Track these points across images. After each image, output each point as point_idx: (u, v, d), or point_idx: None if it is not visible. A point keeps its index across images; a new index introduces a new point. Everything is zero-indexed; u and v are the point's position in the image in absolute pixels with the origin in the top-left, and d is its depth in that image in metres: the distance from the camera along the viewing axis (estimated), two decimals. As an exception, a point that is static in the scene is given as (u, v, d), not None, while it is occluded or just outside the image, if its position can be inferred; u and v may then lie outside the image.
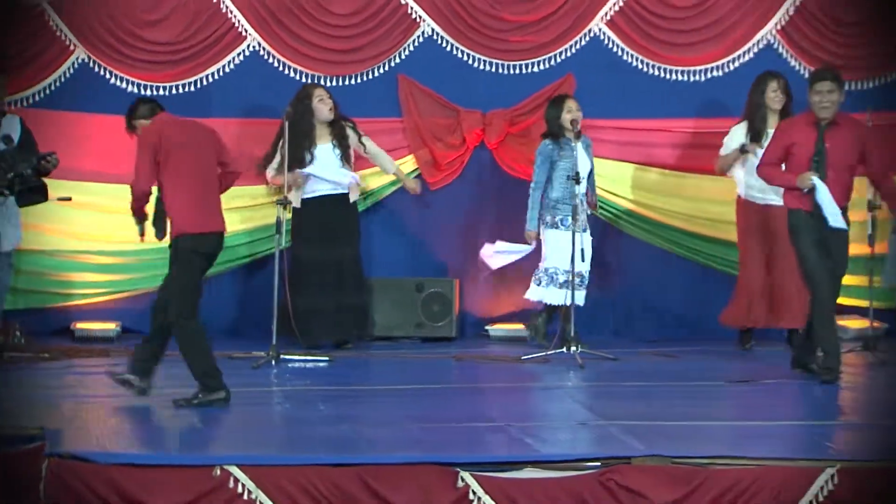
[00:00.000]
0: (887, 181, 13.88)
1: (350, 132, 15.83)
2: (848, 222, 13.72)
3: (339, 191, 15.71)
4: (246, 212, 16.22)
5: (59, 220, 15.85)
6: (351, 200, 15.78)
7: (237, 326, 16.48)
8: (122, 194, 15.35)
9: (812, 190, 13.35)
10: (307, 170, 15.55)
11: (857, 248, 15.35)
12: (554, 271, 15.55)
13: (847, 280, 15.23)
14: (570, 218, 15.17)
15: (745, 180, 15.04)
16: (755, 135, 15.08)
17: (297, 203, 15.44)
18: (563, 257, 15.35)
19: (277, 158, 15.50)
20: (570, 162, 15.39)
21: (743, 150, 15.16)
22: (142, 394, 13.36)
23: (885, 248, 15.88)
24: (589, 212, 15.56)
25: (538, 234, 15.59)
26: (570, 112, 15.36)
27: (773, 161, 13.84)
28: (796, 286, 14.62)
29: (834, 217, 13.47)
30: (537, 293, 15.68)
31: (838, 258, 13.80)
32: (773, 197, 14.67)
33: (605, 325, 16.37)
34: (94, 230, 16.18)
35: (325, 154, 15.65)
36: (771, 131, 15.07)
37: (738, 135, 15.10)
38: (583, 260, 15.25)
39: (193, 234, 13.05)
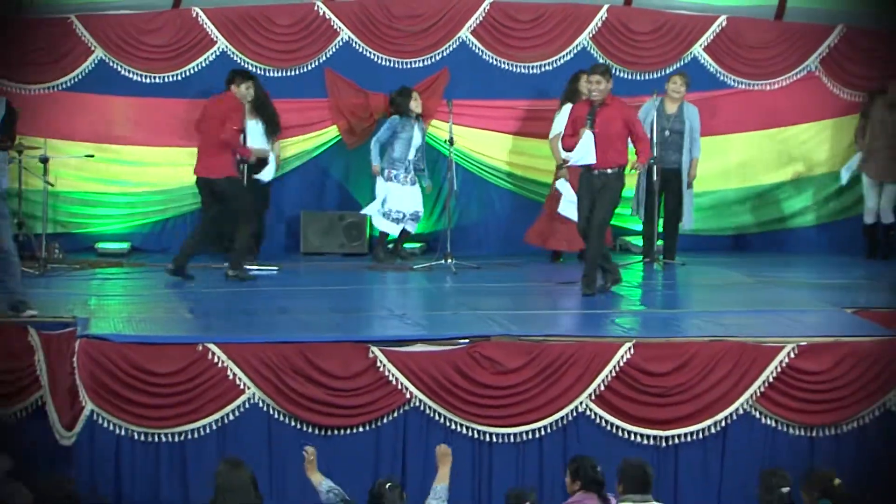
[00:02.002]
0: (641, 142, 13.72)
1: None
2: (623, 182, 13.67)
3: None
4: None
5: (85, 171, 15.75)
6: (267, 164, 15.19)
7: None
8: (131, 153, 15.98)
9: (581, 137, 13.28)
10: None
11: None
12: (389, 211, 15.58)
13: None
14: (402, 174, 15.49)
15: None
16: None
17: (268, 178, 15.29)
18: (398, 202, 15.56)
19: None
20: (408, 135, 15.49)
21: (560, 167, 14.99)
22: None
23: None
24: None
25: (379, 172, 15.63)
26: (416, 101, 15.56)
27: (569, 133, 13.66)
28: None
29: (580, 159, 13.39)
30: (383, 225, 15.71)
31: (600, 202, 13.45)
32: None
33: (471, 243, 16.25)
34: (110, 177, 16.02)
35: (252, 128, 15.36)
36: None
37: (563, 116, 14.61)
38: (412, 205, 15.59)
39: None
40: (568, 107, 14.76)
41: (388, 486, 9.13)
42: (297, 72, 16.28)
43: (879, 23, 16.56)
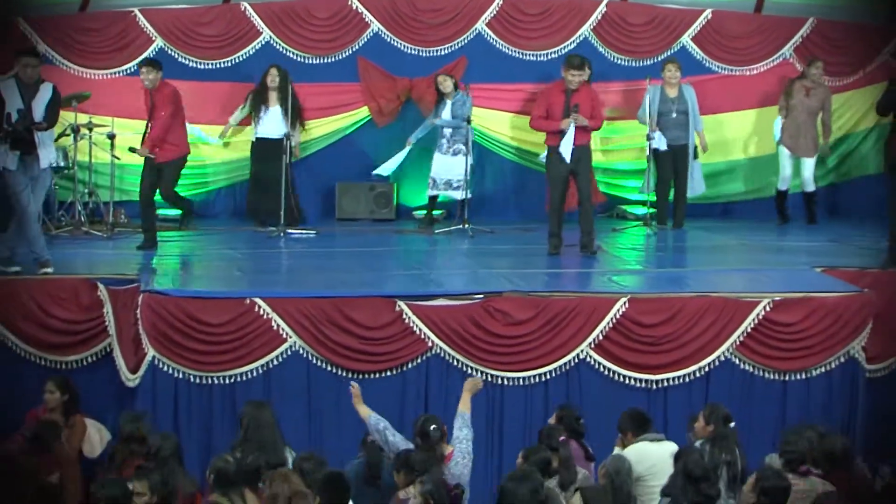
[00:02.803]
0: (598, 123, 13.75)
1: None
2: (590, 154, 13.81)
3: (277, 136, 15.22)
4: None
5: None
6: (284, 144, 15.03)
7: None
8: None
9: (565, 129, 13.32)
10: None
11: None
12: (434, 179, 15.58)
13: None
14: (444, 145, 15.37)
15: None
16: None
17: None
18: (434, 168, 15.49)
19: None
20: (442, 111, 15.43)
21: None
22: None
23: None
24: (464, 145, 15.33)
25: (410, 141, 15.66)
26: (443, 83, 15.48)
27: (541, 115, 13.62)
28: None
29: (566, 151, 13.38)
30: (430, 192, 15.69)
31: (582, 173, 13.55)
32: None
33: (485, 211, 16.08)
34: None
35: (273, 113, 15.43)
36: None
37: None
38: (446, 173, 15.40)
39: None
40: None
41: (432, 427, 9.12)
42: (333, 59, 16.18)
43: (845, 16, 16.55)
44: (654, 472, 9.16)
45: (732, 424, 9.46)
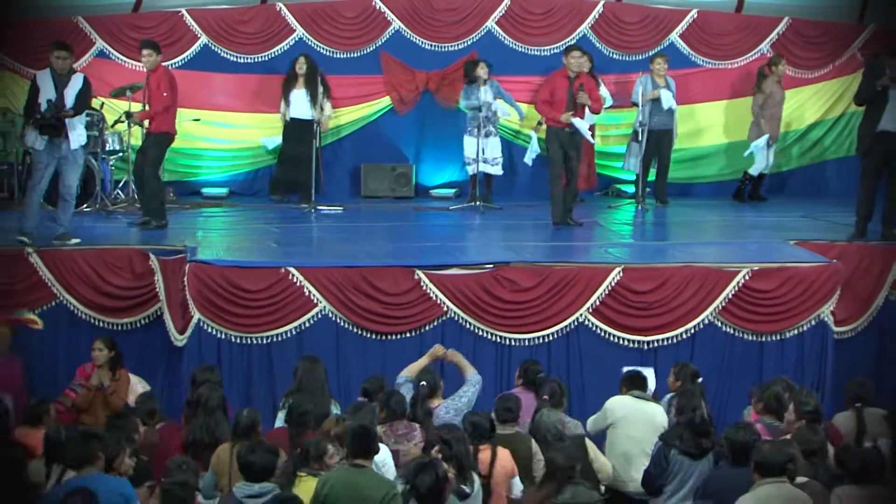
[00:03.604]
0: (598, 106, 13.85)
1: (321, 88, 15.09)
2: (594, 133, 13.77)
3: (307, 117, 15.11)
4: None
5: (193, 130, 15.53)
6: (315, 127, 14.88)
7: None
8: (228, 117, 15.90)
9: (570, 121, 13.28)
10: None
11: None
12: (468, 159, 15.28)
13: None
14: (476, 129, 15.07)
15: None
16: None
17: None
18: (467, 149, 15.20)
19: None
20: (476, 97, 15.04)
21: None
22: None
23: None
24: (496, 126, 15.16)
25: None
26: (482, 69, 15.09)
27: (546, 99, 13.56)
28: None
29: (583, 130, 13.45)
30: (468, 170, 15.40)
31: (576, 150, 13.53)
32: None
33: (496, 189, 15.66)
34: (213, 136, 15.94)
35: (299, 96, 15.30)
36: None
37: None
38: (484, 153, 15.01)
39: None
40: None
41: (421, 383, 9.14)
42: (359, 54, 16.12)
43: (817, 14, 16.45)
44: (623, 422, 9.19)
45: (700, 380, 9.43)
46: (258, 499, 7.19)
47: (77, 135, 12.28)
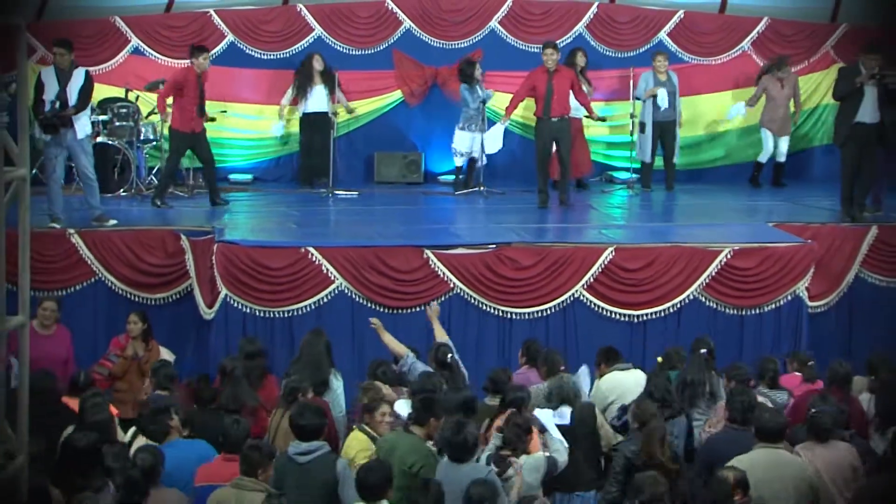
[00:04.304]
0: (583, 97, 13.88)
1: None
2: (570, 125, 13.65)
3: (323, 109, 15.07)
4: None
5: (220, 122, 15.19)
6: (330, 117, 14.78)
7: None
8: (252, 109, 15.79)
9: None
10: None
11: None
12: (460, 150, 15.02)
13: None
14: (473, 125, 14.88)
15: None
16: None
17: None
18: (459, 143, 14.99)
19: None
20: (474, 95, 14.88)
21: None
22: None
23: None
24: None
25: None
26: (478, 70, 14.97)
27: (522, 94, 13.70)
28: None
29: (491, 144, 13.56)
30: (456, 160, 15.25)
31: (564, 141, 13.54)
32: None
33: (498, 176, 15.47)
34: (238, 126, 15.79)
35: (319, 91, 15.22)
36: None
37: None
38: (482, 147, 14.79)
39: None
40: None
41: (449, 356, 9.08)
42: (372, 51, 15.98)
43: (794, 15, 16.36)
44: (624, 397, 9.02)
45: (704, 351, 9.34)
46: (306, 455, 7.42)
47: (82, 125, 12.16)
